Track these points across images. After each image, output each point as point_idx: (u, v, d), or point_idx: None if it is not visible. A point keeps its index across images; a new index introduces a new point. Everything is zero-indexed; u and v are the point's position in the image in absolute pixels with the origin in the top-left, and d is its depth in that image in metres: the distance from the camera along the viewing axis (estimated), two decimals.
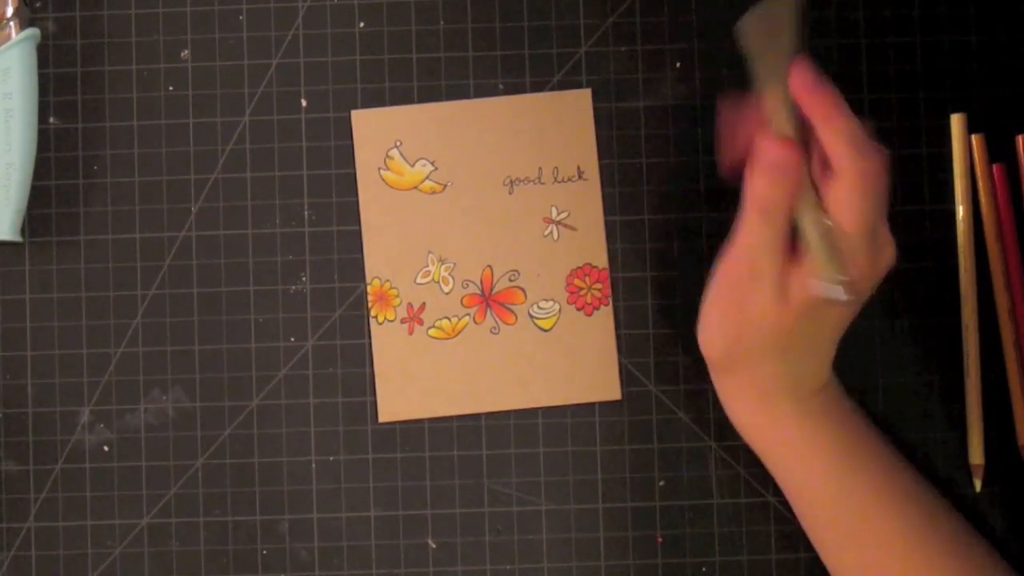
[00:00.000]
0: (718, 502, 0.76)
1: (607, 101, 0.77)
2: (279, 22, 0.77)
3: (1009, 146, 0.77)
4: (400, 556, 0.76)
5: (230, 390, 0.76)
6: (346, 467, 0.76)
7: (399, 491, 0.76)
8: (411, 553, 0.76)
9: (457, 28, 0.77)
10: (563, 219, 0.77)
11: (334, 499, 0.76)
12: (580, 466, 0.76)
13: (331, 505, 0.76)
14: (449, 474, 0.76)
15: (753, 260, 0.67)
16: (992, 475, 0.76)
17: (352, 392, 0.76)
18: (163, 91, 0.77)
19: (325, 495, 0.76)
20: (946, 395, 0.76)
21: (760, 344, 0.69)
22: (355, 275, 0.77)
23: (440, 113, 0.77)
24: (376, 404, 0.76)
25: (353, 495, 0.76)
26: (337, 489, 0.76)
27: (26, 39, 0.74)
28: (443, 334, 0.76)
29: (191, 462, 0.76)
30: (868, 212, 0.65)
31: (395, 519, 0.76)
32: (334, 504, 0.76)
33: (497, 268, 0.76)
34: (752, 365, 0.70)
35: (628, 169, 0.77)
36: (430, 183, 0.77)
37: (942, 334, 0.77)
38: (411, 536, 0.76)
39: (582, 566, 0.76)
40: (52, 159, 0.76)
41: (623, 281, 0.77)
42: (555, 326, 0.76)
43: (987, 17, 0.77)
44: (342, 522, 0.76)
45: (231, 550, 0.76)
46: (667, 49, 0.77)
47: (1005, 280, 0.76)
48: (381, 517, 0.76)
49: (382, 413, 0.76)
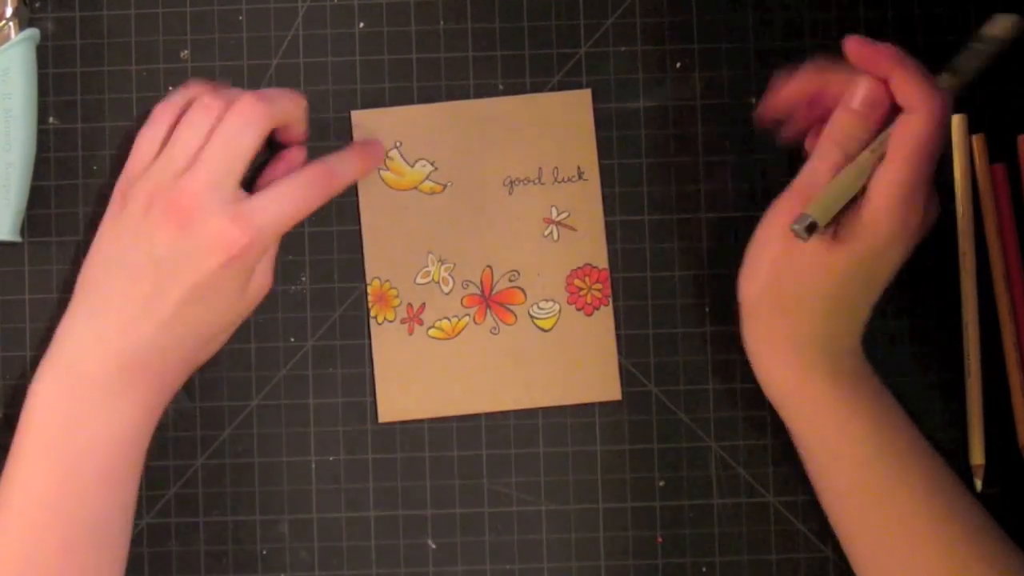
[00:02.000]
0: (718, 502, 0.76)
1: (607, 101, 0.77)
2: (279, 22, 0.77)
3: (1010, 146, 0.77)
4: (400, 556, 0.76)
5: (230, 390, 0.76)
6: (346, 467, 0.76)
7: (399, 491, 0.76)
8: (411, 553, 0.76)
9: (457, 28, 0.77)
10: (563, 219, 0.77)
11: (334, 499, 0.76)
12: (580, 466, 0.76)
13: (331, 505, 0.76)
14: (449, 474, 0.76)
15: (812, 193, 0.69)
16: (993, 475, 0.76)
17: (352, 392, 0.76)
18: (163, 91, 0.76)
19: (325, 495, 0.76)
20: (946, 395, 0.76)
21: (799, 290, 0.69)
22: (355, 275, 0.76)
23: (440, 113, 0.77)
24: (376, 404, 0.76)
25: (353, 495, 0.76)
26: (337, 489, 0.76)
27: (25, 39, 0.74)
28: (443, 334, 0.76)
29: (191, 462, 0.76)
30: (936, 151, 0.68)
31: (395, 519, 0.76)
32: (334, 504, 0.76)
33: (497, 268, 0.76)
34: (789, 312, 0.70)
35: (628, 169, 0.77)
36: (430, 183, 0.77)
37: (942, 334, 0.77)
38: (411, 536, 0.76)
39: (582, 566, 0.76)
40: (52, 159, 0.76)
41: (623, 281, 0.77)
42: (555, 326, 0.76)
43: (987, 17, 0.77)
44: (342, 522, 0.76)
45: (231, 550, 0.76)
46: (667, 49, 0.77)
47: (1006, 280, 0.76)
48: (381, 517, 0.76)
49: (382, 413, 0.76)
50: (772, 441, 0.76)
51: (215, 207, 0.68)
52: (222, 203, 0.68)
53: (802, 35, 0.77)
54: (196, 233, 0.68)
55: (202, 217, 0.68)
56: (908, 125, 0.67)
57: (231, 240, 0.68)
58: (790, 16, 0.77)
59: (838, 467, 0.71)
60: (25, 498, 0.68)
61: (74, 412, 0.69)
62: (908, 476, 0.70)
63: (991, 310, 0.76)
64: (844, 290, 0.70)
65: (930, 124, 0.67)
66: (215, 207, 0.68)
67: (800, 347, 0.71)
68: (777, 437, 0.76)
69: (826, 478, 0.72)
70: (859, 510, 0.71)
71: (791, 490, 0.76)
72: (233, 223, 0.68)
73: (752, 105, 0.77)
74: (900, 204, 0.67)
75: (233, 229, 0.68)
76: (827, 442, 0.71)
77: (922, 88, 0.68)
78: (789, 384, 0.72)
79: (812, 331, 0.70)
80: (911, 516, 0.70)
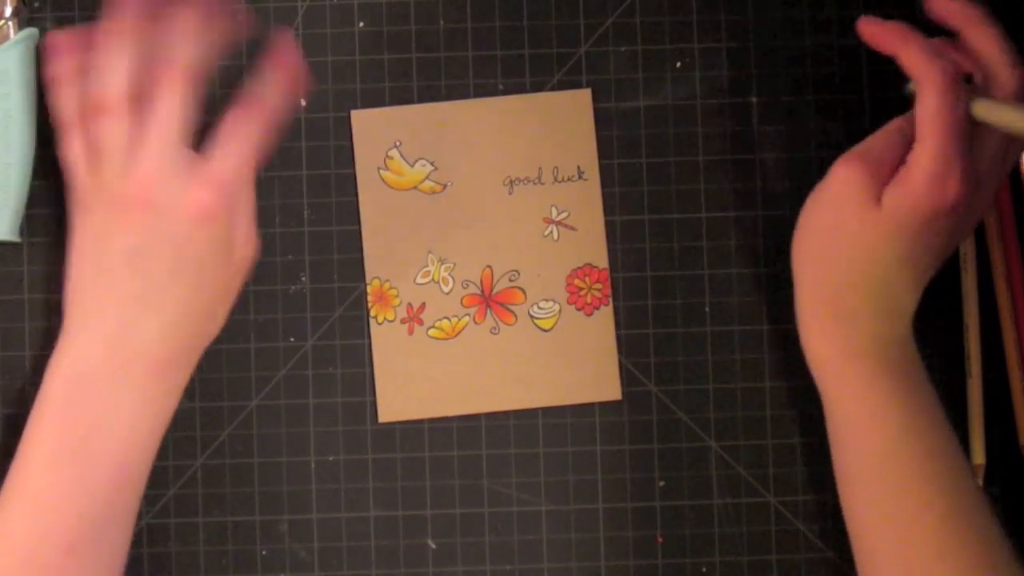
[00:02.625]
0: (718, 502, 0.76)
1: (607, 101, 0.77)
2: (278, 22, 0.77)
3: None
4: (400, 556, 0.76)
5: (229, 390, 0.76)
6: (346, 467, 0.76)
7: (399, 491, 0.76)
8: (411, 553, 0.76)
9: (457, 28, 0.77)
10: (563, 219, 0.77)
11: (334, 499, 0.76)
12: (580, 466, 0.76)
13: (331, 505, 0.76)
14: (449, 474, 0.76)
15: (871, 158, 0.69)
16: (993, 475, 0.76)
17: (352, 392, 0.76)
18: None
19: (324, 495, 0.76)
20: (948, 395, 0.76)
21: (844, 261, 0.69)
22: (355, 275, 0.76)
23: (440, 113, 0.77)
24: (376, 404, 0.76)
25: (353, 495, 0.76)
26: (337, 489, 0.76)
27: (25, 39, 0.74)
28: (443, 334, 0.76)
29: (190, 462, 0.76)
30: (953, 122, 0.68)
31: (395, 519, 0.76)
32: (334, 504, 0.76)
33: (497, 268, 0.76)
34: (834, 283, 0.70)
35: (628, 169, 0.77)
36: (430, 183, 0.77)
37: (943, 334, 0.76)
38: (411, 536, 0.76)
39: (582, 566, 0.76)
40: (51, 159, 0.76)
41: (623, 281, 0.77)
42: (555, 326, 0.76)
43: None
44: (342, 522, 0.76)
45: (230, 551, 0.76)
46: (667, 49, 0.77)
47: (1007, 281, 0.76)
48: (381, 517, 0.76)
49: (382, 413, 0.76)
50: (772, 441, 0.76)
51: (173, 179, 0.68)
52: (177, 173, 0.68)
53: (803, 35, 0.77)
54: (163, 210, 0.68)
55: (164, 193, 0.68)
56: (921, 99, 0.68)
57: (200, 203, 0.68)
58: (790, 16, 0.77)
59: (857, 448, 0.70)
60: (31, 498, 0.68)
61: (84, 415, 0.69)
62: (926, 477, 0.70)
63: (992, 310, 0.76)
64: (884, 262, 0.69)
65: (935, 96, 0.67)
66: (173, 179, 0.68)
67: (845, 325, 0.70)
68: (777, 437, 0.76)
69: (844, 455, 0.71)
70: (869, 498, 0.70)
71: (791, 490, 0.76)
72: (196, 187, 0.68)
73: (752, 105, 0.77)
74: (931, 178, 0.67)
75: (198, 191, 0.68)
76: (852, 422, 0.70)
77: (924, 61, 0.68)
78: (827, 355, 0.71)
79: (855, 304, 0.70)
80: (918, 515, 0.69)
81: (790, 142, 0.77)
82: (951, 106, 0.68)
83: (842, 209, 0.69)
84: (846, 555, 0.73)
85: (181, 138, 0.69)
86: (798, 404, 0.76)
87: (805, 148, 0.77)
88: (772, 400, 0.76)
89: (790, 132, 0.77)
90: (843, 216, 0.69)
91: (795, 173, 0.72)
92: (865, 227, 0.69)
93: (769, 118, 0.77)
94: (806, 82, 0.77)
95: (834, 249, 0.70)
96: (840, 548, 0.75)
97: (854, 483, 0.71)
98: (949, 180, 0.67)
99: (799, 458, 0.76)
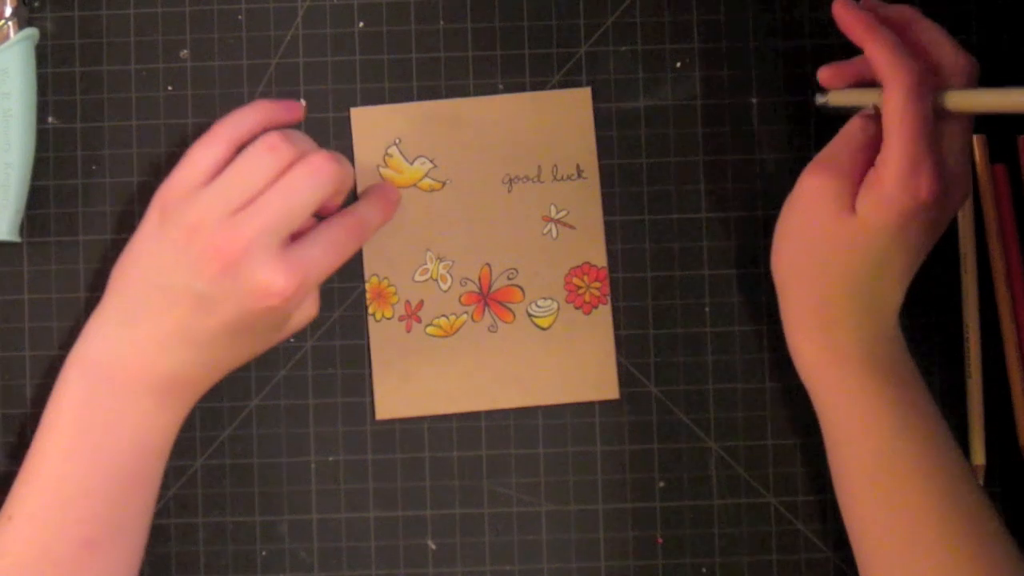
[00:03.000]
0: (718, 503, 0.76)
1: (607, 101, 0.77)
2: (278, 22, 0.77)
3: (1010, 147, 0.77)
4: (400, 557, 0.76)
5: (229, 390, 0.76)
6: (345, 468, 0.76)
7: (398, 492, 0.76)
8: (411, 554, 0.76)
9: (457, 28, 0.77)
10: (562, 217, 0.77)
11: (333, 500, 0.76)
12: (580, 466, 0.76)
13: (330, 506, 0.76)
14: (449, 474, 0.76)
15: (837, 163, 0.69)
16: (993, 475, 0.76)
17: (351, 392, 0.76)
18: (162, 91, 0.77)
19: (324, 496, 0.76)
20: (947, 395, 0.76)
21: (822, 265, 0.69)
22: (354, 276, 0.76)
23: (439, 111, 0.77)
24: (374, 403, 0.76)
25: (352, 496, 0.76)
26: (336, 490, 0.76)
27: (24, 39, 0.74)
28: (441, 332, 0.76)
29: (190, 463, 0.76)
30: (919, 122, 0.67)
31: (394, 520, 0.76)
32: (333, 505, 0.76)
33: (495, 266, 0.76)
34: (814, 288, 0.70)
35: (628, 169, 0.77)
36: (429, 181, 0.77)
37: (943, 334, 0.76)
38: (411, 537, 0.76)
39: (582, 567, 0.76)
40: (51, 159, 0.76)
41: (623, 281, 0.77)
42: (553, 324, 0.76)
43: (987, 17, 0.77)
44: (341, 523, 0.76)
45: (230, 551, 0.76)
46: (667, 49, 0.77)
47: (1007, 281, 0.76)
48: (380, 518, 0.76)
49: (379, 410, 0.76)
50: (772, 441, 0.76)
51: (265, 257, 0.68)
52: (271, 254, 0.68)
53: (803, 35, 0.77)
54: (242, 279, 0.68)
55: (250, 266, 0.67)
56: (887, 98, 0.68)
57: (277, 290, 0.68)
58: (791, 15, 0.77)
59: (852, 452, 0.70)
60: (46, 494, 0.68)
61: (105, 414, 0.69)
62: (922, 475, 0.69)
63: (992, 311, 0.76)
64: (864, 268, 0.69)
65: (901, 94, 0.67)
66: (265, 257, 0.68)
67: (831, 333, 0.70)
68: (777, 437, 0.76)
69: (840, 458, 0.71)
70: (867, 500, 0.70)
71: (791, 491, 0.76)
72: (280, 274, 0.68)
73: (752, 105, 0.77)
74: (903, 178, 0.67)
75: (279, 279, 0.68)
76: (845, 426, 0.71)
77: (889, 61, 0.68)
78: (815, 362, 0.71)
79: (840, 311, 0.70)
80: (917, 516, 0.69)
81: (790, 142, 0.77)
82: (917, 104, 0.67)
83: (817, 219, 0.69)
84: (846, 555, 0.73)
85: (293, 225, 0.69)
86: (798, 404, 0.76)
87: (805, 148, 0.77)
88: (772, 400, 0.76)
89: (790, 132, 0.77)
90: (819, 226, 0.69)
91: (795, 173, 0.72)
92: (842, 236, 0.69)
93: (769, 118, 0.77)
94: (806, 82, 0.77)
95: (814, 260, 0.70)
96: (840, 548, 0.75)
97: (852, 486, 0.71)
98: (921, 178, 0.67)
99: (799, 458, 0.76)
